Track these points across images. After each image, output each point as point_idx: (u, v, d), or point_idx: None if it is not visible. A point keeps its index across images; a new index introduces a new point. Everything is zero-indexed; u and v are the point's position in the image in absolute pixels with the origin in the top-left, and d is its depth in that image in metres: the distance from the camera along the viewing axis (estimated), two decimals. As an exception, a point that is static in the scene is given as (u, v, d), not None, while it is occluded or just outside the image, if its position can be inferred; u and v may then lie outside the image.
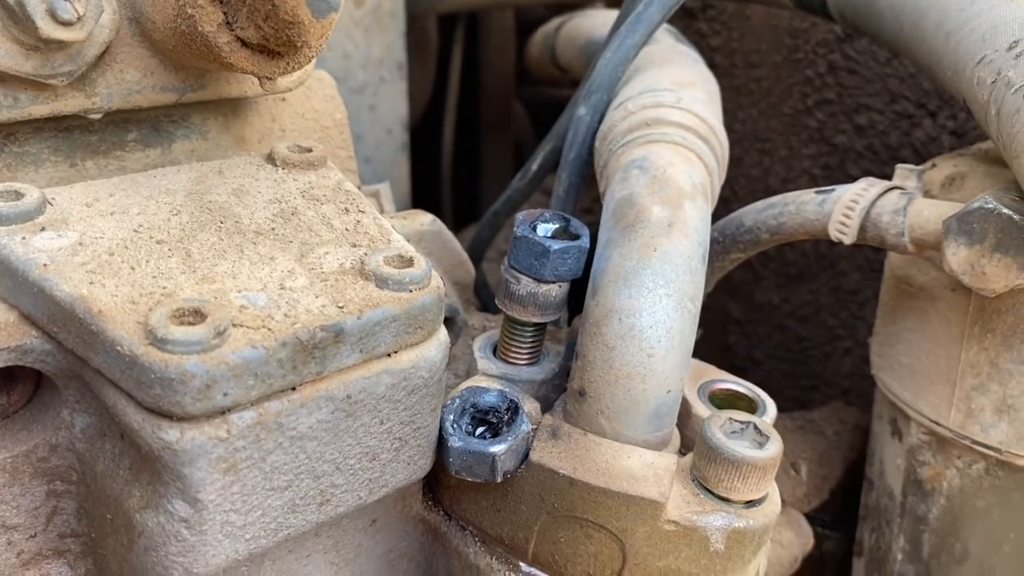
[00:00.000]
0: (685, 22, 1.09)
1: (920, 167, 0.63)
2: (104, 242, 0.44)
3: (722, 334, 1.15)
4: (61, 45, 0.44)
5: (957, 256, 0.54)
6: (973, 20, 0.58)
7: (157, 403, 0.38)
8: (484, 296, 0.84)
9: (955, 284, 0.60)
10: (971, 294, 0.61)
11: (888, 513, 0.71)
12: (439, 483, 0.54)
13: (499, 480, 0.49)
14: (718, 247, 0.66)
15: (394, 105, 1.09)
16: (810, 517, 0.79)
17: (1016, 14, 0.56)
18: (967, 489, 0.65)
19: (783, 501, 0.73)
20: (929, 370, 0.65)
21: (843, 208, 0.59)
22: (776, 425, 0.56)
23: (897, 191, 0.60)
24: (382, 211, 0.70)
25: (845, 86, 0.97)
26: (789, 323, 1.10)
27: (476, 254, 0.84)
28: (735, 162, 1.08)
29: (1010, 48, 0.54)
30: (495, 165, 1.53)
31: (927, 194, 0.63)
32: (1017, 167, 0.52)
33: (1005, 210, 0.53)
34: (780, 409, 0.86)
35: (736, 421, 0.50)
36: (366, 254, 0.45)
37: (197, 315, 0.39)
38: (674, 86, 0.63)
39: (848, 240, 0.59)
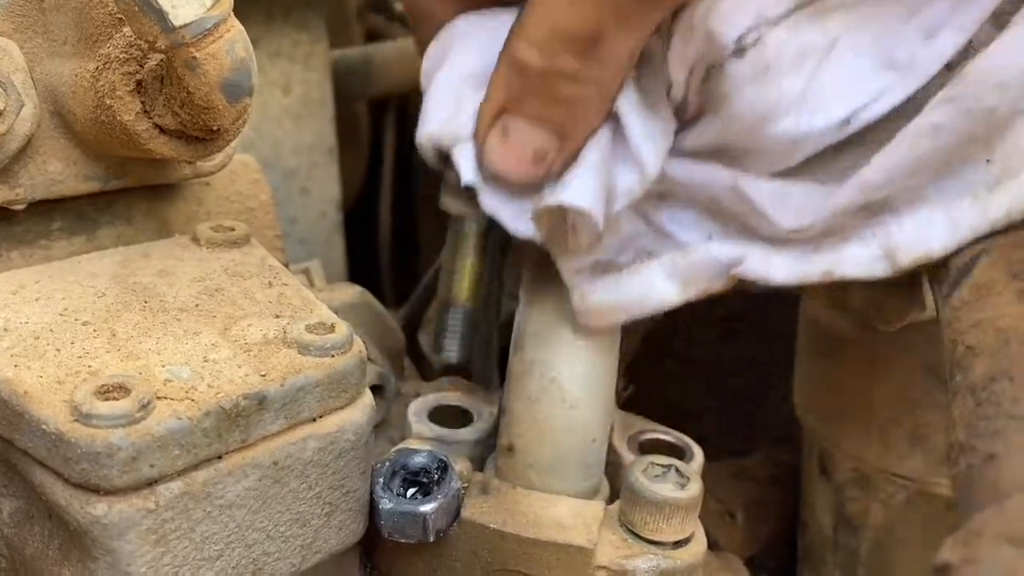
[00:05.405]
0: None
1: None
2: (29, 327, 0.45)
3: (660, 390, 1.18)
4: (-17, 140, 0.46)
5: (856, 295, 0.58)
6: None
7: (84, 478, 0.39)
8: (421, 364, 0.85)
9: (862, 323, 0.63)
10: (878, 331, 0.64)
11: (822, 551, 0.73)
12: (376, 548, 0.55)
13: (432, 539, 0.50)
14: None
15: (326, 188, 1.12)
16: (755, 564, 0.81)
17: None
18: (892, 521, 0.67)
19: (721, 548, 0.75)
20: (847, 407, 0.68)
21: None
22: (710, 473, 0.58)
23: (798, 239, 0.64)
24: (312, 286, 0.71)
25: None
26: (724, 376, 1.13)
27: (412, 324, 0.86)
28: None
29: None
30: (432, 242, 1.56)
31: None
32: None
33: (894, 250, 0.56)
34: (720, 459, 0.88)
35: (658, 465, 0.52)
36: (288, 323, 0.47)
37: (121, 390, 0.40)
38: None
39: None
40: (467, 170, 0.48)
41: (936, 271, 0.48)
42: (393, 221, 1.49)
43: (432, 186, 1.63)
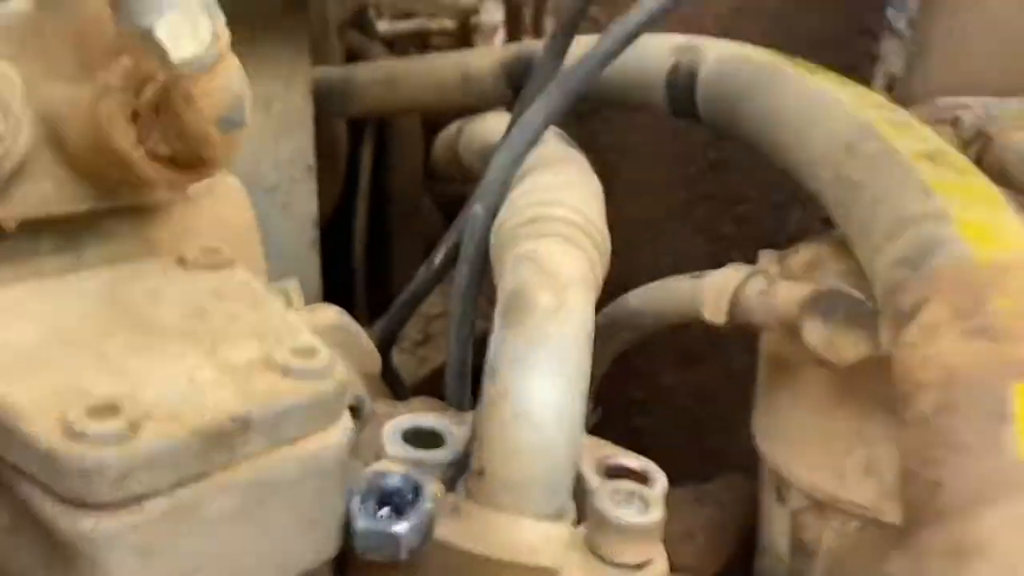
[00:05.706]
0: (578, 124, 1.17)
1: (782, 252, 0.70)
2: (19, 345, 0.46)
3: (626, 417, 1.20)
4: (-20, 161, 0.47)
5: (814, 333, 0.61)
6: (816, 127, 0.66)
7: (74, 494, 0.40)
8: (394, 384, 0.87)
9: (818, 358, 0.66)
10: (833, 366, 0.67)
11: (779, 575, 0.75)
12: (349, 566, 0.57)
13: (404, 558, 0.52)
14: (607, 330, 0.72)
15: (305, 204, 1.13)
16: (713, 586, 0.83)
17: (855, 118, 0.64)
18: (845, 548, 0.70)
19: (681, 569, 0.77)
20: (803, 438, 0.70)
21: (713, 292, 0.66)
22: (672, 497, 0.61)
23: (761, 275, 0.67)
24: (291, 306, 0.73)
25: (724, 180, 1.06)
26: (688, 404, 1.16)
27: (385, 344, 0.88)
28: (630, 253, 1.15)
29: (846, 149, 0.62)
30: (406, 259, 1.58)
31: (791, 277, 0.70)
32: (859, 254, 0.59)
33: (852, 290, 0.59)
34: (683, 484, 0.91)
35: (622, 491, 0.54)
36: (272, 347, 0.49)
37: (112, 410, 0.41)
38: (559, 185, 0.69)
39: (720, 321, 0.65)
40: None
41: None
42: (367, 239, 1.51)
43: (404, 206, 1.63)
